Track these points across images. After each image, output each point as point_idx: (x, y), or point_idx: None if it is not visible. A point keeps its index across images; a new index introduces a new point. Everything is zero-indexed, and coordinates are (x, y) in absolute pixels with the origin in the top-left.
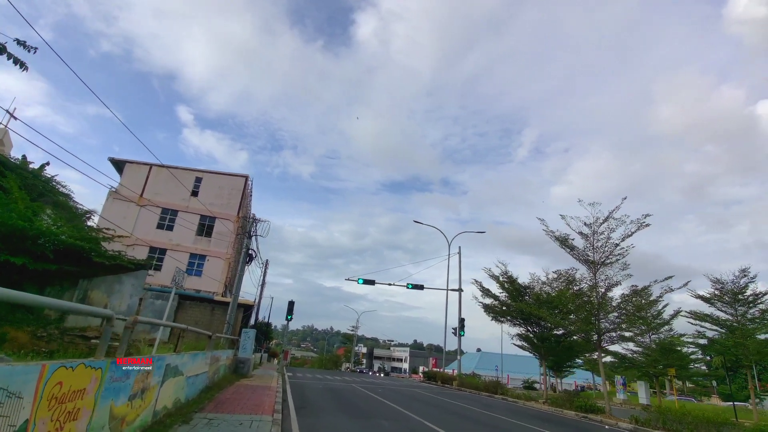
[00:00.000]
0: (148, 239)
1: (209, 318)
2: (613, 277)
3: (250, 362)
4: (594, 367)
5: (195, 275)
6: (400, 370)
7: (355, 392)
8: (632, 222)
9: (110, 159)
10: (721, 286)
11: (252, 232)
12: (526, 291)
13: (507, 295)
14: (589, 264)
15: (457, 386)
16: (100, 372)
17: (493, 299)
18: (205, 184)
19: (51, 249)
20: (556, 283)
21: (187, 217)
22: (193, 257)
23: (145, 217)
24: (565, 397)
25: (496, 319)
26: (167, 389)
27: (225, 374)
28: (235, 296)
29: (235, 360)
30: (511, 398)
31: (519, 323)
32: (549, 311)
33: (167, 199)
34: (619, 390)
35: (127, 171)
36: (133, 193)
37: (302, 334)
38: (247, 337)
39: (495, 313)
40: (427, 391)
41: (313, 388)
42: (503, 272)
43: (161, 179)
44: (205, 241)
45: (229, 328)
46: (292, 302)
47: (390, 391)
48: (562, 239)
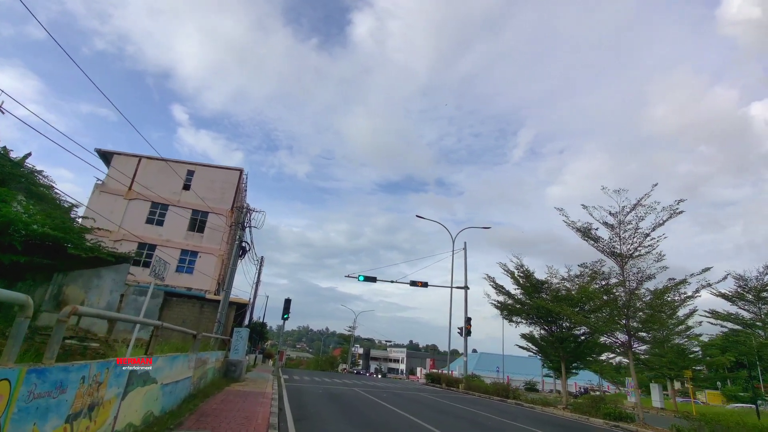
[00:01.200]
0: (136, 234)
1: (198, 316)
2: (647, 269)
3: (242, 365)
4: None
5: (186, 272)
6: (396, 371)
7: (358, 397)
8: (664, 209)
9: (97, 150)
10: (744, 283)
11: (246, 223)
12: (543, 287)
13: (522, 292)
14: (615, 257)
15: (463, 389)
16: (7, 385)
17: (506, 296)
18: (197, 177)
19: (20, 239)
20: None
21: (178, 212)
22: (185, 253)
23: (133, 211)
24: (589, 403)
25: (509, 319)
26: (133, 402)
27: (214, 379)
28: (226, 292)
29: (225, 363)
30: (527, 403)
31: (535, 322)
32: (571, 309)
33: (157, 192)
34: (629, 393)
35: (115, 163)
36: (121, 186)
37: (297, 335)
38: (239, 337)
39: (509, 311)
40: (434, 395)
41: (312, 393)
42: (518, 266)
43: (151, 172)
44: (197, 236)
45: (220, 328)
46: (289, 300)
47: (395, 395)
48: (585, 230)
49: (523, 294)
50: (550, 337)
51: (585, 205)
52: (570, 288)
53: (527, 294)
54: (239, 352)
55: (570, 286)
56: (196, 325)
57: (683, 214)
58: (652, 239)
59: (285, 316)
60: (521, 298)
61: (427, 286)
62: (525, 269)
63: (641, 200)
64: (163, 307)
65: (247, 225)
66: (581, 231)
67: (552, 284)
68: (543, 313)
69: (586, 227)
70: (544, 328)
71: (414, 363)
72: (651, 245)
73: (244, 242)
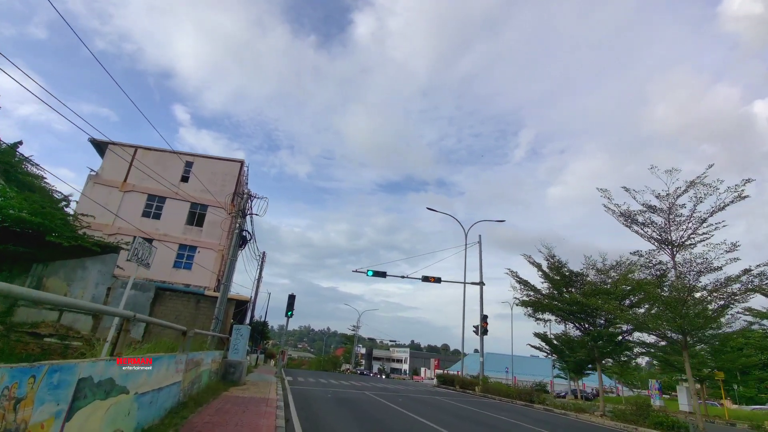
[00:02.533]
0: (132, 228)
1: (194, 313)
2: (714, 260)
3: (242, 366)
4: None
5: (185, 268)
6: (399, 371)
7: (373, 403)
8: (727, 190)
9: (91, 140)
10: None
11: (247, 210)
12: (576, 279)
13: (549, 286)
14: (665, 245)
15: (480, 392)
16: None
17: (533, 291)
18: (196, 169)
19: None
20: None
21: (176, 205)
22: (183, 248)
23: (129, 204)
24: (634, 410)
25: (535, 317)
26: (88, 422)
27: (210, 383)
28: (225, 286)
29: (224, 364)
30: (557, 409)
31: (566, 319)
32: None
33: (154, 184)
34: (653, 396)
35: (110, 154)
36: (116, 177)
37: (299, 335)
38: (239, 335)
39: (537, 307)
40: (451, 399)
41: (321, 398)
42: (549, 256)
43: (148, 163)
44: (196, 231)
45: (218, 325)
46: (293, 296)
47: (411, 400)
48: (628, 215)
49: (550, 288)
50: (584, 336)
51: (627, 188)
52: (604, 281)
53: (556, 288)
54: (239, 352)
55: (604, 279)
56: (191, 323)
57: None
58: (708, 225)
59: (289, 313)
60: (549, 292)
61: (440, 281)
62: (557, 260)
63: (701, 178)
64: (155, 302)
65: (249, 213)
66: (624, 216)
67: (587, 276)
68: (577, 308)
69: (629, 212)
70: (576, 326)
71: (417, 363)
72: (706, 233)
73: (244, 231)
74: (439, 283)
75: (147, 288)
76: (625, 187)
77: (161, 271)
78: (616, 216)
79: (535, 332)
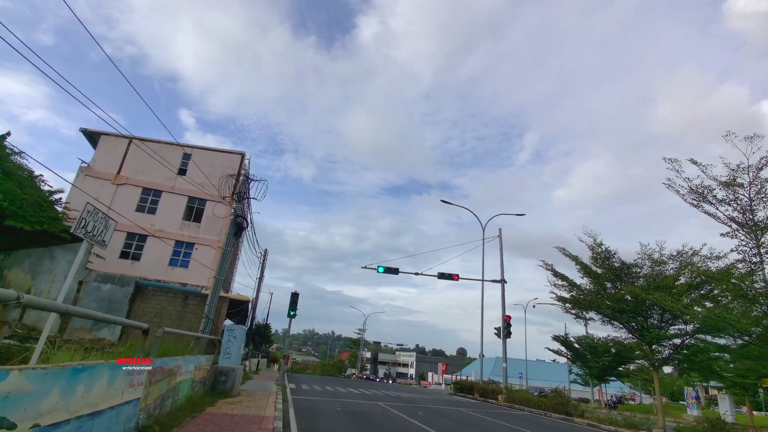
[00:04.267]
0: (125, 223)
1: (180, 311)
2: None
3: (236, 374)
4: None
5: (181, 266)
6: (406, 375)
7: (390, 419)
8: None
9: (82, 130)
10: None
11: (243, 193)
12: (628, 272)
13: (591, 281)
14: (747, 228)
15: (505, 402)
16: None
17: (572, 287)
18: (194, 161)
19: None
20: (673, 260)
21: (172, 199)
22: (179, 245)
23: (122, 197)
24: (707, 428)
25: (576, 315)
26: None
27: (192, 396)
28: (217, 280)
29: (213, 371)
30: (604, 425)
31: (613, 318)
32: (683, 302)
33: (149, 177)
34: (690, 405)
35: (102, 145)
36: (108, 169)
37: (303, 338)
38: (232, 336)
39: (582, 305)
40: (475, 410)
41: (330, 413)
42: (595, 244)
43: (143, 155)
44: (194, 226)
45: (209, 325)
46: (296, 294)
47: (433, 413)
48: (701, 192)
49: (593, 283)
50: (640, 339)
51: (695, 161)
52: (660, 273)
53: (599, 283)
54: (232, 356)
55: (661, 270)
56: (177, 323)
57: (692, 217)
58: None
59: (291, 313)
60: (593, 288)
61: (458, 278)
62: (604, 249)
63: None
64: (134, 298)
65: (246, 197)
66: (696, 192)
67: (641, 268)
68: (632, 305)
69: (701, 188)
70: (623, 326)
71: (423, 368)
72: None
73: (239, 217)
74: (455, 280)
75: (125, 282)
76: (692, 159)
77: (156, 269)
78: (683, 194)
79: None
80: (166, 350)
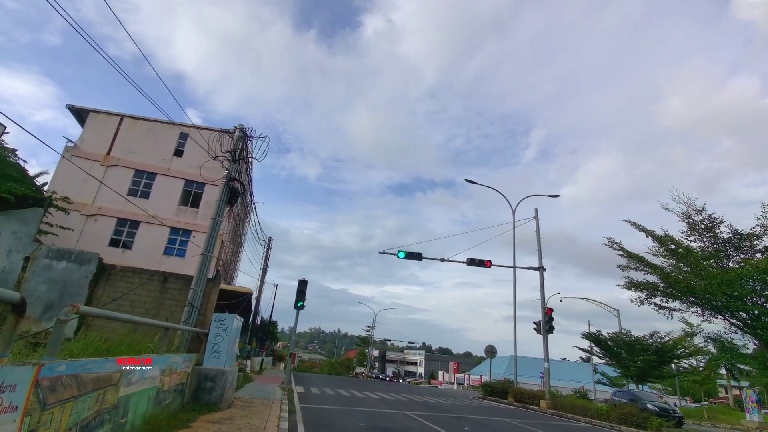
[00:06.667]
0: (115, 208)
1: (157, 297)
2: None
3: (226, 379)
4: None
5: (177, 255)
6: (414, 374)
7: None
8: None
9: (69, 107)
10: None
11: (239, 152)
12: (740, 245)
13: (679, 258)
14: None
15: (550, 409)
16: None
17: (650, 269)
18: (192, 142)
19: None
20: None
21: (167, 182)
22: (175, 233)
23: (112, 180)
24: None
25: (659, 306)
26: None
27: (155, 414)
28: (204, 257)
29: (196, 375)
30: None
31: (712, 308)
32: None
33: (142, 158)
34: (750, 410)
35: (91, 123)
36: (97, 150)
37: (309, 337)
38: (221, 328)
39: (671, 291)
40: (524, 420)
41: (349, 428)
42: (694, 211)
43: (135, 134)
44: (191, 212)
45: (193, 315)
46: (305, 282)
47: (479, 426)
48: None
49: (682, 261)
50: (749, 331)
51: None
52: None
53: (694, 262)
54: (221, 355)
55: None
56: (154, 311)
57: None
58: None
59: (300, 304)
60: (671, 270)
61: (490, 265)
62: (707, 216)
63: None
64: (98, 279)
65: (242, 156)
66: None
67: (762, 238)
68: (746, 289)
69: None
70: (727, 319)
71: (433, 366)
72: None
73: (234, 180)
74: (489, 266)
75: (85, 259)
76: None
77: (150, 258)
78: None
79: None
80: (111, 347)
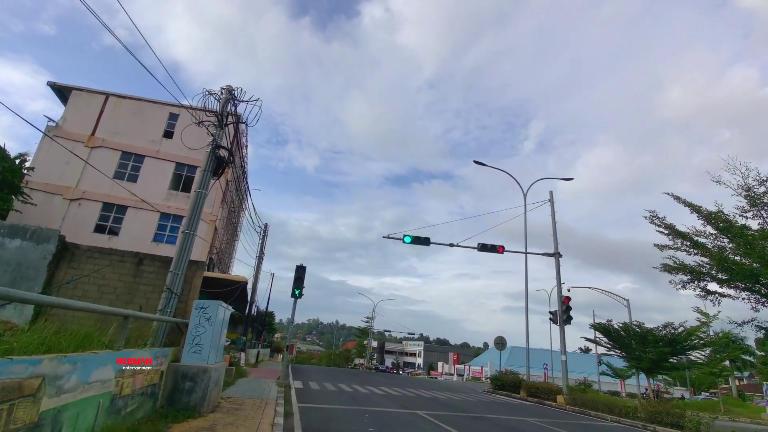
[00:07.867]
0: (101, 192)
1: (130, 282)
2: None
3: (209, 377)
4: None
5: (168, 242)
6: (413, 365)
7: None
8: None
9: (50, 84)
10: None
11: (227, 117)
12: None
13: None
14: None
15: (570, 405)
16: None
17: (697, 248)
18: (182, 122)
19: None
20: None
21: (157, 165)
22: (165, 218)
23: (97, 162)
24: None
25: (706, 293)
26: None
27: (113, 425)
28: (185, 234)
29: (172, 374)
30: None
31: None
32: None
33: (130, 140)
34: None
35: (74, 101)
36: (81, 130)
37: (307, 328)
38: (203, 317)
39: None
40: (546, 419)
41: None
42: (754, 183)
43: (122, 114)
44: (182, 197)
45: (172, 302)
46: (303, 267)
47: (491, 424)
48: None
49: (733, 241)
50: None
51: None
52: None
53: (746, 239)
54: (203, 349)
55: None
56: (126, 299)
57: None
58: None
59: (297, 292)
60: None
61: (503, 251)
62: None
63: None
64: (59, 260)
65: (229, 121)
66: None
67: None
68: None
69: None
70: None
71: (431, 357)
72: None
73: (221, 148)
74: (501, 252)
75: (43, 237)
76: None
77: (139, 245)
78: None
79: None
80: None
